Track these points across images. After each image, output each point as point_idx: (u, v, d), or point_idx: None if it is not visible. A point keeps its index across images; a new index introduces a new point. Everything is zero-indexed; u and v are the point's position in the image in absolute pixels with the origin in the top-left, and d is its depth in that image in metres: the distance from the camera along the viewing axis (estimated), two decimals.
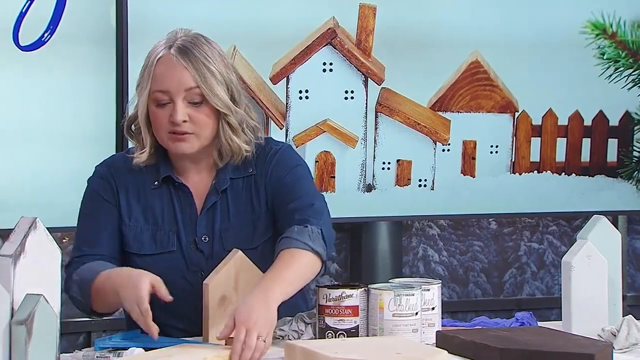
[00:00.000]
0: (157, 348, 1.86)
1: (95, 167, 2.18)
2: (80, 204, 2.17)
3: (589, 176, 3.49)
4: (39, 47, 2.90)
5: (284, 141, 3.09)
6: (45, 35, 2.90)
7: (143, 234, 2.10)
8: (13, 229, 1.78)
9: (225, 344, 1.86)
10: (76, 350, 1.92)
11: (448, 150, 3.35)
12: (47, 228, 1.78)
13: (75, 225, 2.15)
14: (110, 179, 2.14)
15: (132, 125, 2.14)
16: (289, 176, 2.12)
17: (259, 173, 2.13)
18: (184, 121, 2.06)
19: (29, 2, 2.88)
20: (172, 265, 2.07)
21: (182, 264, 2.09)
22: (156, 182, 2.12)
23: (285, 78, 3.20)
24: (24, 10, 2.88)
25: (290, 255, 2.00)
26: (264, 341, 1.83)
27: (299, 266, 2.00)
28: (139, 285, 1.90)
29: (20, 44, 2.88)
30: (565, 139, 3.46)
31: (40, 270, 1.75)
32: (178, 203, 2.12)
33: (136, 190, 2.13)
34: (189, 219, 2.11)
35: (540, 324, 2.18)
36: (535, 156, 3.44)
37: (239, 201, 2.12)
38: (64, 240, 3.29)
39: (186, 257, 2.09)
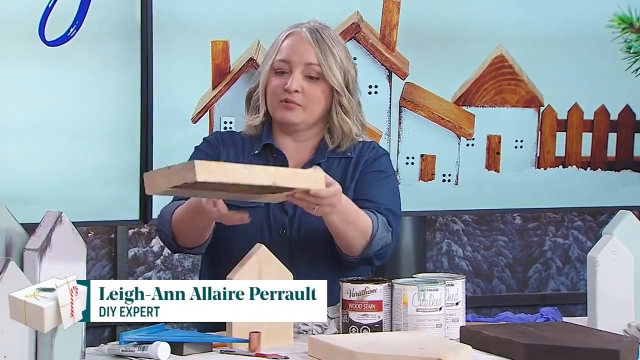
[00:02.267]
0: (182, 342, 1.87)
1: (204, 138, 2.36)
2: None
3: (615, 171, 3.46)
4: (65, 42, 2.91)
5: None
6: (71, 30, 2.92)
7: None
8: (39, 223, 1.79)
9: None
10: (101, 344, 1.93)
11: (472, 145, 3.34)
12: (72, 222, 1.79)
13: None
14: (216, 142, 2.31)
15: (251, 98, 2.31)
16: (387, 180, 2.29)
17: (359, 158, 2.27)
18: (296, 91, 2.21)
19: None
20: (257, 220, 2.18)
21: (267, 221, 2.20)
22: (256, 150, 2.26)
23: None
24: (50, 6, 2.89)
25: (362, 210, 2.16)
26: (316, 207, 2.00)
27: (362, 215, 2.14)
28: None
29: (46, 39, 2.90)
30: (591, 133, 3.44)
31: (66, 264, 1.76)
32: None
33: (236, 156, 2.27)
34: None
35: (565, 319, 2.17)
36: (560, 151, 3.42)
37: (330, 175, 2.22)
38: (89, 235, 3.31)
39: (271, 216, 2.21)
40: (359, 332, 1.99)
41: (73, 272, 1.76)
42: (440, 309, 1.98)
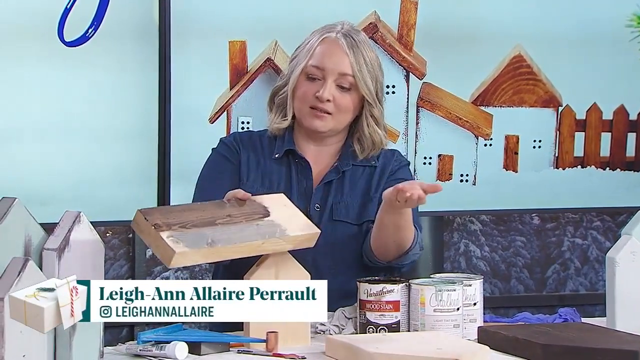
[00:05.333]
0: (199, 342, 1.88)
1: (220, 139, 2.32)
2: (203, 167, 2.30)
3: (634, 171, 3.44)
4: (83, 43, 2.92)
5: None
6: (90, 31, 2.93)
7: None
8: (57, 223, 1.80)
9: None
10: (119, 344, 1.94)
11: (490, 145, 3.33)
12: (90, 222, 1.80)
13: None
14: (235, 145, 2.27)
15: (276, 96, 2.28)
16: None
17: (383, 168, 2.26)
18: (328, 100, 2.19)
19: None
20: None
21: None
22: (277, 155, 2.24)
23: None
24: (68, 7, 2.91)
25: None
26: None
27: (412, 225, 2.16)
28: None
29: (65, 40, 2.91)
30: (610, 133, 3.42)
31: (84, 264, 1.77)
32: (296, 174, 2.23)
33: (256, 159, 2.26)
34: (304, 191, 2.21)
35: (583, 320, 2.16)
36: (579, 151, 3.41)
37: (355, 184, 2.24)
38: (107, 235, 3.32)
39: None
40: (377, 332, 1.99)
41: (91, 271, 1.76)
42: (458, 309, 1.98)
